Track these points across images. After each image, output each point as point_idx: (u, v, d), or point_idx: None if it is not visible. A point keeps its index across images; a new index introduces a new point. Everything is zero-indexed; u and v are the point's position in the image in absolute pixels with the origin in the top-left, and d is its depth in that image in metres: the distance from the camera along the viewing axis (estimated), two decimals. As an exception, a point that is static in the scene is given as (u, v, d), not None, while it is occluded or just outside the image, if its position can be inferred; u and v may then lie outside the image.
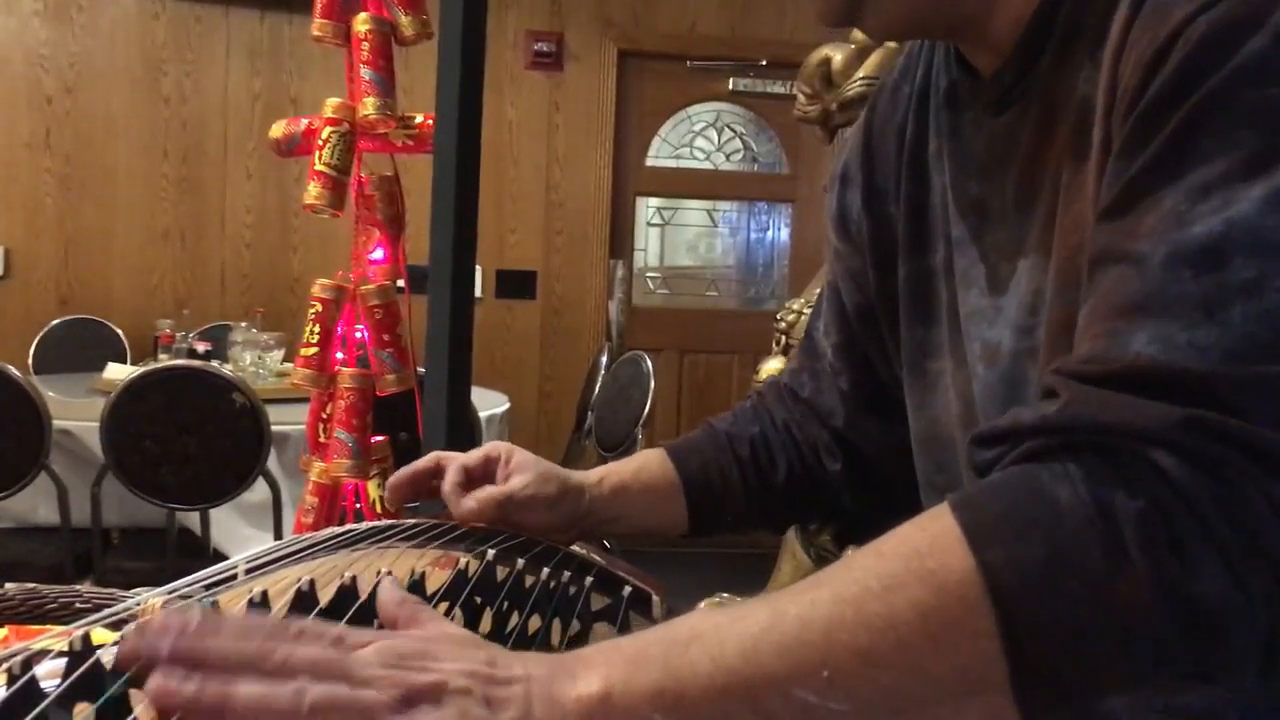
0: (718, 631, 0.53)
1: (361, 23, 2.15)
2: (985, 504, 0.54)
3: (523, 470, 0.93)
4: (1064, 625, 0.50)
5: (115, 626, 0.59)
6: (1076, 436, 0.54)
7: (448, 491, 0.93)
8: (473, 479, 0.94)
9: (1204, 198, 0.55)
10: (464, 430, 1.55)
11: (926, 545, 0.53)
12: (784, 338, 1.23)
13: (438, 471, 0.96)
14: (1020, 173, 0.73)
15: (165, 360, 3.31)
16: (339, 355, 2.24)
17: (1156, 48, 0.59)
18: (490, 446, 0.97)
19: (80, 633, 0.50)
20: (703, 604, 1.44)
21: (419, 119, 2.20)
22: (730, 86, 5.28)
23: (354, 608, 0.59)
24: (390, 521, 0.88)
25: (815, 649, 0.52)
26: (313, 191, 2.15)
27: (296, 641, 0.49)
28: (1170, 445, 0.51)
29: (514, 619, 0.67)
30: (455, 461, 0.95)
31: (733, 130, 5.39)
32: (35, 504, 2.91)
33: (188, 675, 0.45)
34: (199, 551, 2.89)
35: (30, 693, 0.45)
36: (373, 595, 0.60)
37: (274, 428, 2.78)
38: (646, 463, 1.00)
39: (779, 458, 0.99)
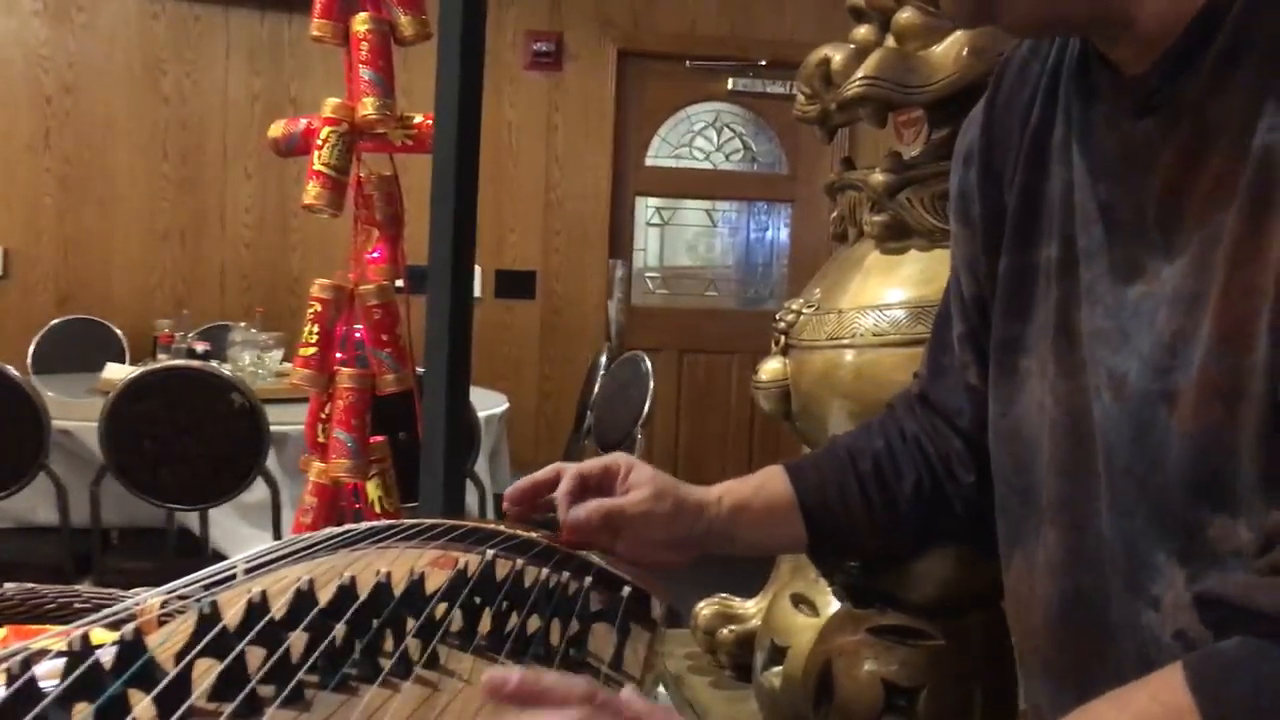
0: None
1: (361, 23, 2.15)
2: (1224, 683, 0.55)
3: (639, 485, 0.91)
4: None
5: (114, 626, 0.59)
6: None
7: (559, 496, 0.91)
8: (588, 489, 0.92)
9: None
10: (463, 430, 1.55)
11: None
12: (783, 338, 1.22)
13: (557, 482, 0.93)
14: (1162, 194, 0.68)
15: (164, 360, 3.30)
16: (338, 355, 2.24)
17: None
18: (611, 458, 0.94)
19: (79, 633, 0.50)
20: (702, 604, 1.44)
21: (418, 119, 2.20)
22: (730, 86, 5.28)
23: (354, 607, 0.59)
24: (389, 521, 0.88)
25: None
26: (312, 191, 2.15)
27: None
28: None
29: (513, 619, 0.67)
30: (573, 469, 0.93)
31: (732, 130, 5.40)
32: (34, 504, 2.91)
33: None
34: (198, 551, 2.88)
35: (29, 693, 0.45)
36: (372, 595, 0.60)
37: (273, 428, 2.78)
38: (768, 479, 0.97)
39: (906, 472, 0.95)
